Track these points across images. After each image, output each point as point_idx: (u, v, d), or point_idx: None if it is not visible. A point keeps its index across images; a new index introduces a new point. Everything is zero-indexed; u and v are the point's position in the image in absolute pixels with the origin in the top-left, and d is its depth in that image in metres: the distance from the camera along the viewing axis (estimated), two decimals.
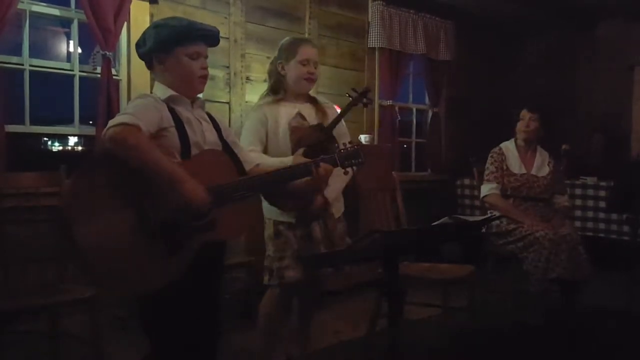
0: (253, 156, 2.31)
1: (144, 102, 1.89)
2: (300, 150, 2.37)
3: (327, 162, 2.15)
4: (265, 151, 2.50)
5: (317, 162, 2.14)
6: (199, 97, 2.06)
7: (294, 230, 2.50)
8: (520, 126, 3.69)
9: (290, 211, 2.46)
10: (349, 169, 2.20)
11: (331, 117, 2.57)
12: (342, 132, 2.59)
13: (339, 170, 2.24)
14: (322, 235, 2.51)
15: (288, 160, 2.32)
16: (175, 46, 1.93)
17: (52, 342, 2.70)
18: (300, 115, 2.54)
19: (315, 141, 2.41)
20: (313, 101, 2.64)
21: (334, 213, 2.57)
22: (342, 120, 2.60)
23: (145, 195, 1.76)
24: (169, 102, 1.94)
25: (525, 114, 3.68)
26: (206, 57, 2.01)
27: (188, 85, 1.98)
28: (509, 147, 3.73)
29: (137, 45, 2.00)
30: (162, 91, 1.96)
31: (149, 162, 1.73)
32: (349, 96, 2.61)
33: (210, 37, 2.02)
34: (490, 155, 3.71)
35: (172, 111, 1.91)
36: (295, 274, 2.47)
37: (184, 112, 1.96)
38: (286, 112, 2.53)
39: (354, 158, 2.18)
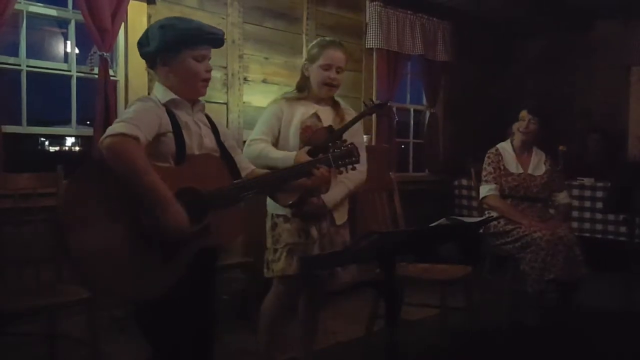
0: (258, 147, 2.40)
1: (145, 106, 1.86)
2: (306, 149, 2.36)
3: (321, 162, 2.14)
4: (275, 144, 2.50)
5: (313, 163, 2.14)
6: (199, 100, 2.03)
7: (289, 223, 2.48)
8: (518, 126, 3.67)
9: (284, 206, 2.44)
10: (342, 169, 2.17)
11: None
12: (353, 138, 2.48)
13: (342, 178, 2.23)
14: (319, 236, 2.50)
15: (291, 155, 2.34)
16: (182, 48, 1.91)
17: (50, 344, 2.69)
18: (316, 116, 2.53)
19: (322, 142, 2.39)
20: (335, 105, 2.62)
21: (336, 219, 2.55)
22: (359, 127, 2.61)
23: (141, 203, 1.74)
24: (169, 105, 1.92)
25: (525, 115, 3.65)
26: (210, 58, 2.00)
27: (191, 88, 1.96)
28: (505, 147, 3.72)
29: (140, 44, 1.96)
30: (162, 93, 1.94)
31: (139, 179, 1.71)
32: (365, 105, 2.61)
33: (217, 40, 2.00)
34: (487, 156, 3.70)
35: (171, 115, 1.90)
36: (284, 267, 2.45)
37: (183, 116, 1.94)
38: (303, 111, 2.53)
39: (348, 157, 2.16)
